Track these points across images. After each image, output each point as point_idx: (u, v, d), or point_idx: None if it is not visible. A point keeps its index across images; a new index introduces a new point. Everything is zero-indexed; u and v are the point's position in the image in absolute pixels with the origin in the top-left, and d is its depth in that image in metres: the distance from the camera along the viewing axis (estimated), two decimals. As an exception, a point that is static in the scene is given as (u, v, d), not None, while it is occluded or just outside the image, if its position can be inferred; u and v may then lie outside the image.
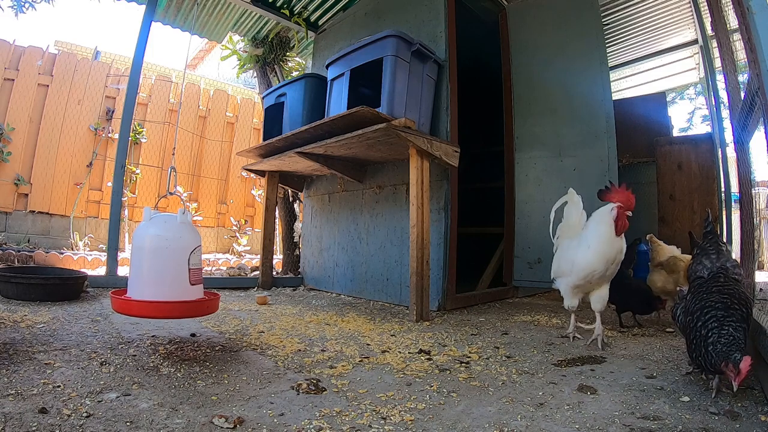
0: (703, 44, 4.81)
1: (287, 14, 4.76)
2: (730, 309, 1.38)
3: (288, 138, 3.43)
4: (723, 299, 1.41)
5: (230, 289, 3.95)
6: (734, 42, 2.26)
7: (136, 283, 1.80)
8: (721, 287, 1.46)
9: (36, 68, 5.89)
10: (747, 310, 1.39)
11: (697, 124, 9.69)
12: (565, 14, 3.73)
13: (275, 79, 5.39)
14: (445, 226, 3.18)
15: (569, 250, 2.15)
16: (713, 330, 1.36)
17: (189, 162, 7.21)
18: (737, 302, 1.39)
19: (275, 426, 1.16)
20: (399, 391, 1.45)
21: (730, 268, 1.53)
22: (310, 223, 4.53)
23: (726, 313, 1.37)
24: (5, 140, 5.57)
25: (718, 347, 1.32)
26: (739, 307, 1.38)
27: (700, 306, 1.45)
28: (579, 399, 1.40)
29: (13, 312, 2.35)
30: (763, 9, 1.32)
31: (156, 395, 1.32)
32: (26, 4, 4.72)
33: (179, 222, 1.84)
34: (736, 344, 1.31)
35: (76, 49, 7.87)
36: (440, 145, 2.90)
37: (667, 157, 4.62)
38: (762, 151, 2.15)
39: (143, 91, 6.61)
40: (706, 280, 1.54)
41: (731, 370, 1.26)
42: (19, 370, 1.45)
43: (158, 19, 4.62)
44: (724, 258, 1.56)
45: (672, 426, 1.19)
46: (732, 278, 1.51)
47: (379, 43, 2.93)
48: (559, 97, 3.71)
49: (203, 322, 2.41)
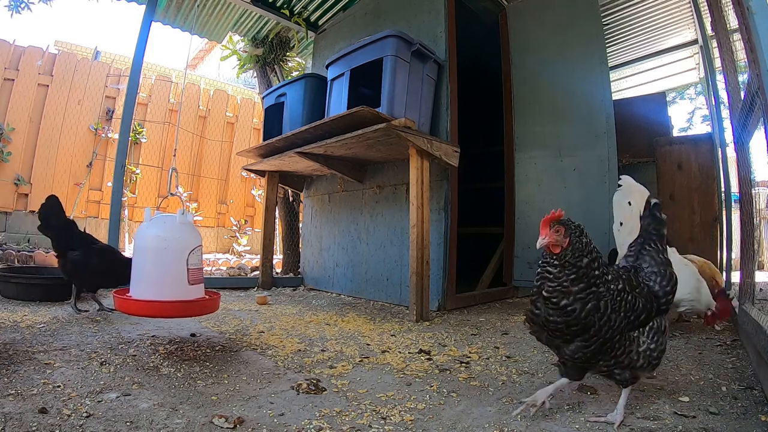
0: (703, 44, 4.81)
1: (287, 14, 4.76)
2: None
3: (288, 138, 3.43)
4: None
5: (230, 289, 3.95)
6: (734, 42, 2.26)
7: (137, 283, 1.81)
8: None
9: (36, 68, 5.89)
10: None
11: (697, 124, 9.68)
12: (565, 14, 3.73)
13: (275, 79, 5.39)
14: (445, 226, 3.18)
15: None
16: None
17: (189, 162, 7.21)
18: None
19: (275, 426, 1.16)
20: (399, 391, 1.45)
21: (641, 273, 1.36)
22: (310, 223, 4.53)
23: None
24: (5, 140, 5.57)
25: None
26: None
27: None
28: (579, 399, 1.40)
29: (13, 312, 2.35)
30: (763, 9, 1.32)
31: (156, 395, 1.32)
32: (22, 4, 4.71)
33: (178, 222, 1.84)
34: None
35: (76, 49, 7.87)
36: (440, 145, 2.90)
37: (667, 157, 4.61)
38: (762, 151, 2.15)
39: (143, 91, 6.61)
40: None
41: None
42: (19, 370, 1.45)
43: (158, 19, 4.62)
44: (643, 261, 1.38)
45: (672, 426, 1.19)
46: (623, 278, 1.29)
47: (379, 43, 2.93)
48: (559, 97, 3.71)
49: (203, 322, 2.41)
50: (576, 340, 1.21)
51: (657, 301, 1.29)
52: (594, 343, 1.20)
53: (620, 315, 1.21)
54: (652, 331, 1.26)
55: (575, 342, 1.21)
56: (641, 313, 1.24)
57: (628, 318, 1.22)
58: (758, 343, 1.51)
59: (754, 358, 1.67)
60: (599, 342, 1.20)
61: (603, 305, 1.20)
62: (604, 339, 1.20)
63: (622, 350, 1.22)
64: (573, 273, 1.20)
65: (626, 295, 1.24)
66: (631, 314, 1.23)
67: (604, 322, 1.19)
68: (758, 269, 3.19)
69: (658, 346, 1.26)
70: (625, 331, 1.22)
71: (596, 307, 1.19)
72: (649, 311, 1.26)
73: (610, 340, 1.20)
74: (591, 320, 1.18)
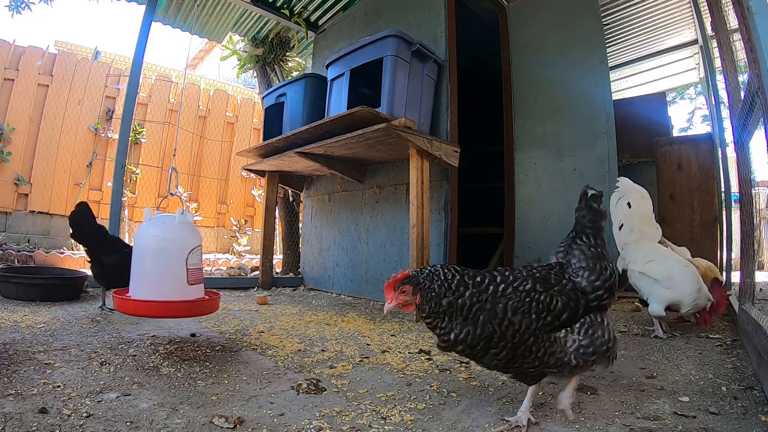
0: (703, 44, 4.81)
1: (287, 14, 4.76)
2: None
3: (288, 138, 3.43)
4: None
5: (230, 289, 3.95)
6: (734, 42, 2.26)
7: (137, 283, 1.81)
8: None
9: (36, 68, 5.89)
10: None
11: (697, 124, 9.68)
12: (565, 14, 3.74)
13: (275, 79, 5.39)
14: (445, 226, 3.18)
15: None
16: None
17: (189, 162, 7.21)
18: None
19: (275, 426, 1.16)
20: (399, 391, 1.45)
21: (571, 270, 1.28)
22: (310, 223, 4.53)
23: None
24: (5, 140, 5.56)
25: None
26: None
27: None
28: (579, 399, 1.40)
29: (13, 312, 2.35)
30: (763, 9, 1.32)
31: (156, 395, 1.32)
32: (23, 4, 4.71)
33: (178, 222, 1.84)
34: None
35: (76, 49, 7.86)
36: (440, 145, 2.90)
37: (667, 157, 4.62)
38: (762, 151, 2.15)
39: (143, 91, 6.61)
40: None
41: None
42: (19, 370, 1.45)
43: (158, 19, 4.62)
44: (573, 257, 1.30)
45: (672, 426, 1.18)
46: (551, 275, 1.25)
47: (379, 43, 2.93)
48: (559, 97, 3.71)
49: (203, 322, 2.41)
50: (489, 352, 1.17)
51: (585, 297, 1.21)
52: (504, 349, 1.15)
53: (530, 317, 1.15)
54: (583, 328, 1.20)
55: (489, 353, 1.17)
56: (561, 313, 1.18)
57: (542, 319, 1.16)
58: (758, 343, 1.51)
59: (754, 358, 1.67)
60: (509, 347, 1.14)
61: (501, 309, 1.15)
62: (513, 343, 1.14)
63: (543, 351, 1.16)
64: (443, 316, 1.17)
65: (537, 294, 1.17)
66: (546, 315, 1.16)
67: (507, 326, 1.14)
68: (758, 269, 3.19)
69: (594, 341, 1.19)
70: (541, 333, 1.16)
71: (493, 314, 1.14)
72: (573, 309, 1.19)
73: (522, 344, 1.14)
74: (489, 329, 1.13)
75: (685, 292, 2.27)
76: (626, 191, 2.53)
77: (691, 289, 2.28)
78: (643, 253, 2.44)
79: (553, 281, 1.23)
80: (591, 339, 1.19)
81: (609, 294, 1.25)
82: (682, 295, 2.28)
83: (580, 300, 1.21)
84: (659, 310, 2.30)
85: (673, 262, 2.39)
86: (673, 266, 2.35)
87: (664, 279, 2.31)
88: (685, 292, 2.27)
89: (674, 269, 2.33)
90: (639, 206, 2.50)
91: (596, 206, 1.32)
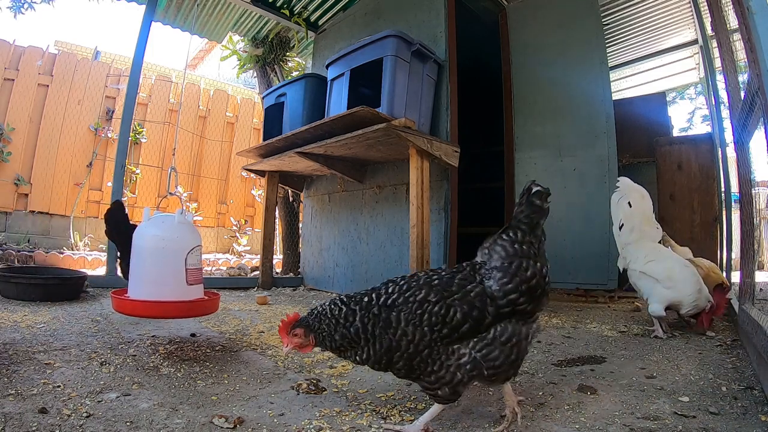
0: (703, 44, 4.81)
1: (287, 14, 4.76)
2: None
3: (288, 138, 3.43)
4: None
5: (230, 289, 3.95)
6: (734, 42, 2.26)
7: (135, 283, 1.81)
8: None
9: (36, 68, 5.89)
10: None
11: (697, 124, 9.70)
12: (565, 14, 3.74)
13: (275, 79, 5.39)
14: (445, 226, 3.18)
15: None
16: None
17: (189, 162, 7.21)
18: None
19: (275, 426, 1.16)
20: (399, 391, 1.45)
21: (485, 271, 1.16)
22: (310, 223, 4.53)
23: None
24: (5, 140, 5.57)
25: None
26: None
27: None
28: (579, 399, 1.39)
29: (13, 312, 2.35)
30: (763, 9, 1.32)
31: (156, 395, 1.32)
32: (25, 4, 4.71)
33: (177, 222, 1.83)
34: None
35: (76, 49, 7.87)
36: (440, 145, 2.90)
37: (667, 157, 4.62)
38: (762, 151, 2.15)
39: (143, 91, 6.61)
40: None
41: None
42: (19, 370, 1.44)
43: (158, 19, 4.62)
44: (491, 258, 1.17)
45: (672, 426, 1.18)
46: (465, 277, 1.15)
47: (379, 43, 2.93)
48: (559, 97, 3.71)
49: (203, 322, 2.41)
50: (392, 363, 1.14)
51: (494, 304, 1.09)
52: (401, 359, 1.11)
53: (422, 329, 1.08)
54: (480, 343, 1.08)
55: (392, 364, 1.14)
56: (461, 324, 1.07)
57: (437, 332, 1.07)
58: (758, 343, 1.51)
59: (754, 358, 1.67)
60: (406, 357, 1.10)
61: (395, 318, 1.10)
62: (409, 353, 1.09)
63: (439, 365, 1.09)
64: (344, 347, 1.18)
65: (430, 306, 1.09)
66: (441, 327, 1.07)
67: (401, 336, 1.09)
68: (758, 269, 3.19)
69: (482, 362, 1.07)
70: (437, 345, 1.08)
71: (387, 324, 1.10)
72: (477, 319, 1.08)
73: (417, 355, 1.09)
74: (387, 341, 1.11)
75: (685, 293, 2.28)
76: (626, 191, 2.53)
77: (691, 290, 2.28)
78: (644, 252, 2.44)
79: (455, 288, 1.11)
80: (480, 360, 1.08)
81: (528, 298, 1.11)
82: (682, 296, 2.28)
83: (487, 308, 1.09)
84: (659, 310, 2.30)
85: (673, 262, 2.39)
86: (674, 266, 2.36)
87: (664, 279, 2.31)
88: (686, 292, 2.28)
89: (675, 269, 2.34)
90: (639, 206, 2.51)
91: (538, 203, 1.17)
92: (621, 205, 2.54)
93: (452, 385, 1.09)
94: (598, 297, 3.81)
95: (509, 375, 1.13)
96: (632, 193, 2.52)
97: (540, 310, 1.17)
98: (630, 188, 2.53)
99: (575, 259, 3.50)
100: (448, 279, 1.14)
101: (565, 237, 3.55)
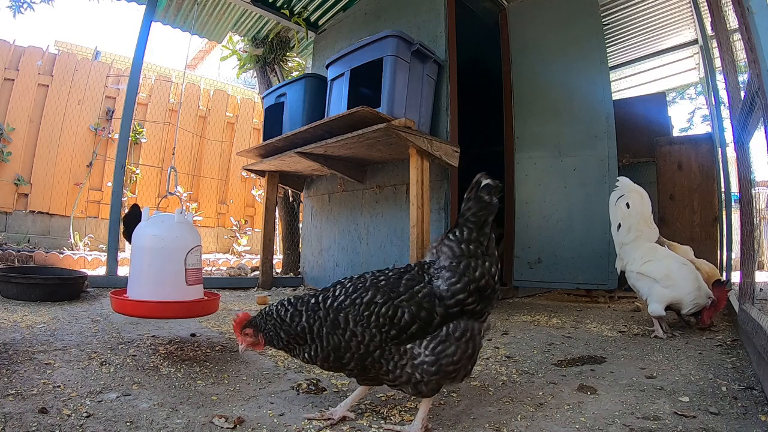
0: (703, 44, 4.81)
1: (287, 14, 4.76)
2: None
3: (288, 138, 3.43)
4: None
5: (230, 289, 3.95)
6: (734, 42, 2.26)
7: (135, 284, 1.81)
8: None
9: (36, 68, 5.89)
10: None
11: (697, 124, 9.70)
12: (565, 14, 3.74)
13: (275, 79, 5.39)
14: (445, 226, 3.18)
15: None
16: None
17: (189, 162, 7.21)
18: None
19: (275, 426, 1.16)
20: (399, 391, 1.45)
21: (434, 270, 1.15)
22: (310, 223, 4.53)
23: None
24: (5, 140, 5.57)
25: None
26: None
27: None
28: (579, 399, 1.40)
29: (13, 312, 2.35)
30: (763, 9, 1.32)
31: (156, 395, 1.32)
32: (24, 4, 4.71)
33: (177, 222, 1.83)
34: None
35: (76, 49, 7.87)
36: (440, 145, 2.90)
37: (667, 157, 4.62)
38: (762, 151, 2.15)
39: (143, 91, 6.61)
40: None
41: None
42: (19, 370, 1.44)
43: (158, 19, 4.62)
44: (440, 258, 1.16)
45: (672, 426, 1.18)
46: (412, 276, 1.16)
47: (379, 43, 2.93)
48: (559, 97, 3.71)
49: (203, 322, 2.41)
50: (342, 362, 1.15)
51: (442, 304, 1.08)
52: (352, 360, 1.12)
53: (370, 330, 1.08)
54: (434, 341, 1.08)
55: (342, 363, 1.16)
56: (409, 325, 1.07)
57: (385, 333, 1.08)
58: (758, 343, 1.51)
59: (754, 358, 1.67)
60: (356, 357, 1.11)
61: (343, 319, 1.11)
62: (360, 354, 1.10)
63: (394, 365, 1.09)
64: (291, 345, 1.20)
65: (377, 307, 1.09)
66: (389, 328, 1.08)
67: (350, 337, 1.10)
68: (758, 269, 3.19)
69: (440, 359, 1.07)
70: (387, 345, 1.09)
71: (336, 325, 1.12)
72: (425, 320, 1.08)
73: (369, 356, 1.10)
74: (335, 340, 1.12)
75: (684, 291, 2.28)
76: (625, 191, 2.54)
77: (690, 288, 2.28)
78: (641, 253, 2.44)
79: (402, 289, 1.11)
80: (437, 357, 1.07)
81: (478, 299, 1.10)
82: (681, 294, 2.28)
83: (435, 308, 1.08)
84: (659, 310, 2.30)
85: (671, 261, 2.39)
86: (671, 265, 2.36)
87: (662, 278, 2.31)
88: (685, 290, 2.28)
89: (672, 268, 2.34)
90: (638, 206, 2.51)
91: (487, 198, 1.12)
92: (619, 206, 2.55)
93: (413, 384, 1.10)
94: (598, 297, 3.81)
95: (468, 370, 1.13)
96: (631, 194, 2.53)
97: (490, 310, 1.17)
98: (629, 188, 2.54)
99: (575, 259, 3.50)
100: (395, 280, 1.14)
101: (565, 237, 3.55)
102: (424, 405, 1.14)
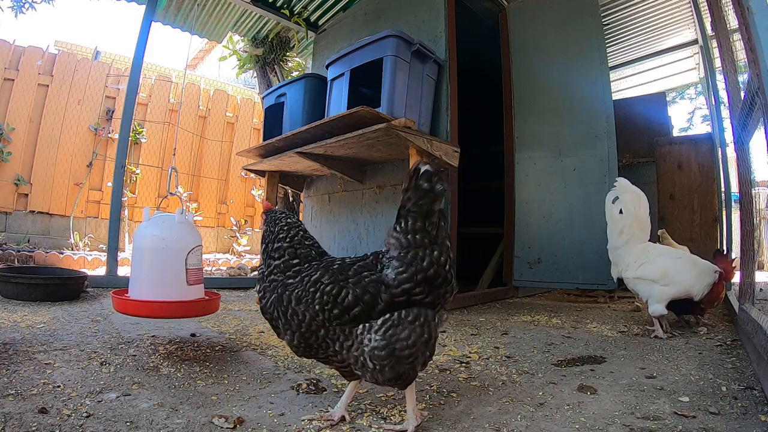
0: (703, 44, 4.81)
1: (287, 14, 4.76)
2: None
3: (288, 138, 3.42)
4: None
5: (230, 289, 3.95)
6: (734, 42, 2.26)
7: (136, 283, 1.81)
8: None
9: (36, 68, 5.89)
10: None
11: (697, 124, 9.72)
12: (565, 14, 3.74)
13: (275, 79, 5.39)
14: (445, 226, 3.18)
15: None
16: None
17: (189, 162, 7.21)
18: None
19: (275, 426, 1.16)
20: (399, 392, 1.45)
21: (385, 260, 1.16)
22: (310, 224, 4.53)
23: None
24: (5, 140, 5.57)
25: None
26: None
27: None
28: (579, 399, 1.40)
29: (13, 312, 2.35)
30: (763, 9, 1.32)
31: (156, 395, 1.32)
32: (26, 4, 4.71)
33: (177, 222, 1.83)
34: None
35: (76, 49, 7.87)
36: (440, 145, 2.90)
37: (667, 157, 4.62)
38: (762, 151, 2.15)
39: (143, 91, 6.61)
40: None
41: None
42: (19, 370, 1.45)
43: (158, 19, 4.62)
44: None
45: (672, 426, 1.18)
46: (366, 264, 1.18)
47: (379, 43, 2.92)
48: (559, 97, 3.71)
49: (203, 322, 2.41)
50: (287, 333, 1.19)
51: (388, 291, 1.10)
52: (294, 337, 1.17)
53: (314, 307, 1.12)
54: (384, 327, 1.09)
55: (287, 335, 1.19)
56: (352, 306, 1.10)
57: (328, 311, 1.11)
58: (758, 343, 1.51)
59: (754, 358, 1.67)
60: (298, 335, 1.16)
61: (286, 298, 1.17)
62: (301, 332, 1.15)
63: (340, 345, 1.12)
64: (272, 320, 1.24)
65: (322, 285, 1.13)
66: (332, 307, 1.11)
67: (291, 315, 1.15)
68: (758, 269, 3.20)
69: (392, 344, 1.07)
70: (331, 325, 1.12)
71: (279, 301, 1.18)
72: (368, 304, 1.09)
73: (312, 334, 1.14)
74: (278, 314, 1.19)
75: (686, 283, 2.29)
76: (621, 192, 2.53)
77: (690, 277, 2.29)
78: (634, 257, 2.45)
79: (352, 273, 1.15)
80: (389, 341, 1.08)
81: (427, 289, 1.11)
82: (685, 287, 2.29)
83: (380, 294, 1.10)
84: (660, 310, 2.30)
85: (665, 259, 2.39)
86: (666, 263, 2.36)
87: (660, 277, 2.32)
88: (687, 282, 2.29)
89: (668, 265, 2.34)
90: (634, 208, 2.50)
91: (426, 186, 1.09)
92: (614, 209, 2.56)
93: (371, 372, 1.10)
94: (598, 297, 3.81)
95: (426, 356, 1.13)
96: (625, 195, 2.52)
97: (442, 302, 1.16)
98: (625, 189, 2.53)
99: (575, 259, 3.50)
100: (348, 265, 1.19)
101: (565, 237, 3.55)
102: (407, 397, 1.16)
